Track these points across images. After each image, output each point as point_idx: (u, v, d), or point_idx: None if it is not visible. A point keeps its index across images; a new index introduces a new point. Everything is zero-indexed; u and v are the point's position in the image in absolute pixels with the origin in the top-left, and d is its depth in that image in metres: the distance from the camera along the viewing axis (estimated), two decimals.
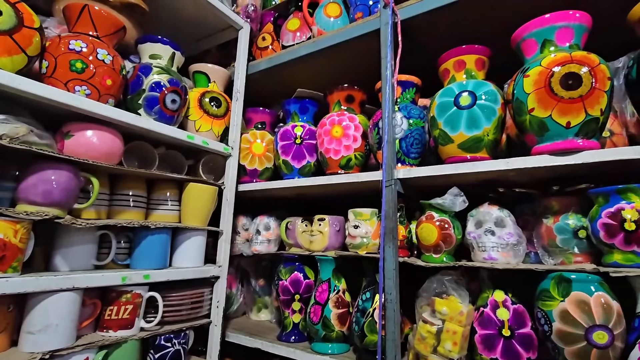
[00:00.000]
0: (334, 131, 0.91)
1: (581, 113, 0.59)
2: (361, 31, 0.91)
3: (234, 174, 1.03)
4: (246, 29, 1.12)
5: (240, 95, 1.07)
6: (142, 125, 0.80)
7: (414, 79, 0.86)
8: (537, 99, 0.62)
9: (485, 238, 0.70)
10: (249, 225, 1.14)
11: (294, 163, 1.00)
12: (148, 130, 0.83)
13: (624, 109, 0.75)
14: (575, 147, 0.60)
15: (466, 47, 0.76)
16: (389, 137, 0.78)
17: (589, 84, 0.58)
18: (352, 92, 0.96)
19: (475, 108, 0.70)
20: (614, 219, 0.58)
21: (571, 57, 0.60)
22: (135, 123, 0.79)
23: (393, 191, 0.76)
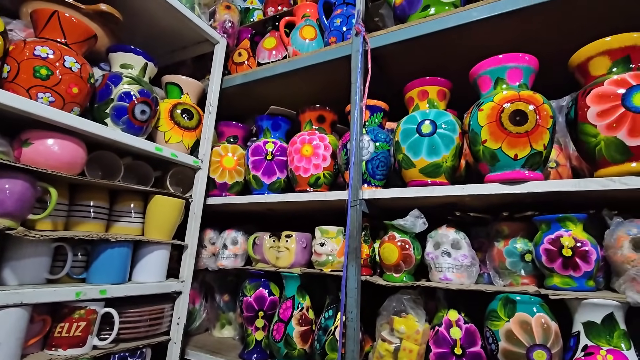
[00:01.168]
0: (304, 150, 0.93)
1: (527, 147, 0.65)
2: (334, 55, 0.95)
3: (202, 187, 1.02)
4: (222, 44, 1.14)
5: (213, 108, 1.07)
6: (107, 136, 0.79)
7: (381, 104, 0.90)
8: (490, 132, 0.67)
9: (442, 259, 0.74)
10: (216, 239, 1.13)
11: (264, 179, 1.01)
12: (114, 141, 0.81)
13: (567, 143, 0.82)
14: (522, 178, 0.65)
15: (429, 78, 0.81)
16: (355, 158, 0.81)
17: (534, 121, 0.64)
18: (324, 113, 0.99)
19: (435, 136, 0.75)
20: (554, 245, 0.63)
21: (519, 95, 0.66)
22: (100, 133, 0.78)
23: (358, 211, 0.79)
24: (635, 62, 0.62)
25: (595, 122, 0.61)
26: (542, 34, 0.80)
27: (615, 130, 0.59)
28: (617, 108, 0.59)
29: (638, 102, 0.57)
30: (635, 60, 0.62)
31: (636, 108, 0.57)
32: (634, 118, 0.57)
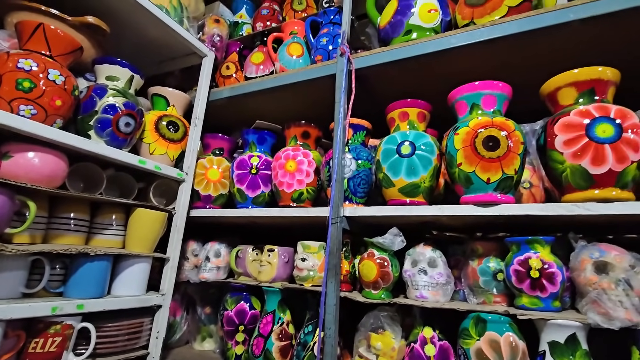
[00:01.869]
0: (288, 165, 0.94)
1: (499, 171, 0.68)
2: (319, 74, 0.97)
3: (186, 199, 1.02)
4: (210, 57, 1.15)
5: (199, 121, 1.08)
6: (89, 149, 0.79)
7: (364, 123, 0.92)
8: (464, 156, 0.70)
9: (419, 277, 0.76)
10: (199, 251, 1.13)
11: (248, 192, 1.02)
12: (97, 154, 0.81)
13: (540, 165, 0.86)
14: (494, 200, 0.68)
15: (410, 101, 0.84)
16: (337, 176, 0.83)
17: (505, 147, 0.67)
18: (309, 129, 1.01)
19: (414, 157, 0.77)
20: (522, 266, 0.66)
21: (492, 122, 0.69)
22: (81, 146, 0.77)
23: (339, 228, 0.80)
24: (600, 94, 0.66)
25: (562, 150, 0.65)
26: (516, 62, 0.84)
27: (579, 158, 0.62)
28: (581, 138, 0.62)
29: (600, 133, 0.61)
30: (599, 92, 0.66)
31: (598, 139, 0.61)
32: (597, 148, 0.61)
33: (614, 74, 0.66)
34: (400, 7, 0.89)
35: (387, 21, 0.92)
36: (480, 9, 0.82)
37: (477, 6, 0.82)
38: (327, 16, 1.06)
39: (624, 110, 0.62)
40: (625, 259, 0.59)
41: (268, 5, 1.26)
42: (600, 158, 0.60)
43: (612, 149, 0.60)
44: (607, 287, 0.58)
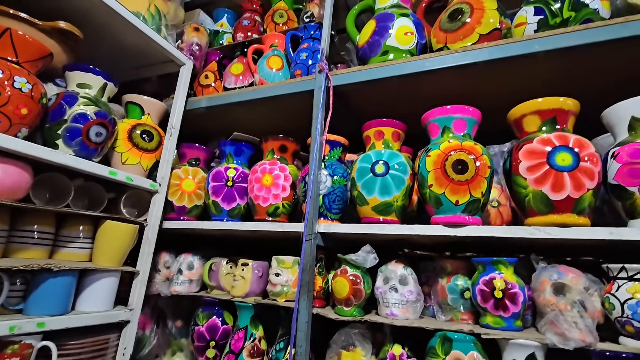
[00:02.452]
0: (264, 179, 0.94)
1: (467, 194, 0.70)
2: (297, 89, 0.98)
3: (159, 211, 1.00)
4: (188, 66, 1.13)
5: (174, 131, 1.06)
6: (55, 160, 0.76)
7: (341, 140, 0.94)
8: (435, 177, 0.73)
9: (390, 295, 0.77)
10: (171, 262, 1.11)
11: (224, 205, 1.01)
12: (63, 165, 0.78)
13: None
14: (462, 222, 0.71)
15: (385, 120, 0.86)
16: (313, 193, 0.83)
17: (473, 170, 0.70)
18: (286, 143, 1.01)
19: (387, 177, 0.79)
20: (487, 286, 0.68)
21: (462, 146, 0.72)
22: (47, 157, 0.75)
23: (312, 245, 0.81)
24: (561, 123, 0.70)
25: (525, 175, 0.68)
26: (487, 87, 0.88)
27: (541, 184, 0.66)
28: (543, 165, 0.66)
29: (560, 161, 0.64)
30: (560, 121, 0.70)
31: (558, 166, 0.64)
32: (557, 175, 0.64)
33: (574, 104, 0.70)
34: (378, 28, 0.91)
35: (365, 41, 0.94)
36: (453, 35, 0.85)
37: (450, 32, 0.85)
38: (308, 31, 1.07)
39: (581, 140, 0.66)
40: (580, 281, 0.63)
41: (249, 16, 1.25)
42: (560, 185, 0.64)
43: (570, 177, 0.63)
44: (563, 308, 0.61)
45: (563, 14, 0.76)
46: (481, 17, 0.82)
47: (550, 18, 0.77)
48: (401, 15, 0.91)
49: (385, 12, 0.93)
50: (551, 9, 0.77)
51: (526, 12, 0.81)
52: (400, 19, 0.90)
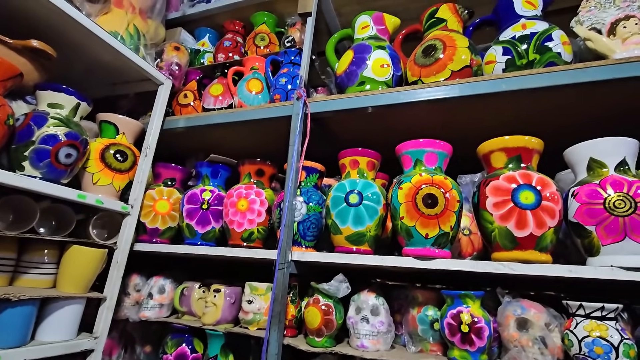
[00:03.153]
0: (239, 204, 0.94)
1: (436, 228, 0.72)
2: (276, 114, 0.99)
3: (129, 234, 0.97)
4: (167, 85, 1.12)
5: (150, 151, 1.05)
6: (18, 185, 0.73)
7: (317, 166, 0.94)
8: (406, 210, 0.74)
9: (361, 325, 0.77)
10: (142, 286, 1.07)
11: (198, 228, 1.00)
12: (27, 189, 0.76)
13: None
14: (431, 255, 0.72)
15: (360, 150, 0.87)
16: (287, 221, 0.83)
17: (442, 205, 0.72)
18: (263, 167, 1.01)
19: (361, 207, 0.80)
20: (455, 320, 0.69)
21: (432, 180, 0.74)
22: (8, 182, 0.72)
23: (285, 274, 0.80)
24: (525, 161, 0.73)
25: (491, 211, 0.70)
26: (459, 120, 0.91)
27: (506, 221, 0.68)
28: (507, 202, 0.68)
29: (524, 199, 0.67)
30: (525, 159, 0.73)
31: (522, 204, 0.67)
32: (520, 213, 0.67)
33: (538, 143, 0.74)
34: (355, 58, 0.94)
35: (343, 70, 0.96)
36: (427, 69, 0.88)
37: (424, 66, 0.88)
38: (288, 56, 1.09)
39: (544, 179, 0.69)
40: (542, 317, 0.65)
41: (231, 37, 1.26)
42: (523, 222, 0.66)
43: (533, 215, 0.66)
44: (525, 344, 0.63)
45: (529, 56, 0.80)
46: (453, 55, 0.85)
47: (517, 59, 0.81)
48: (378, 48, 0.93)
49: (363, 44, 0.96)
50: (518, 50, 0.81)
51: (495, 51, 0.85)
52: (377, 51, 0.93)
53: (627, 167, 0.66)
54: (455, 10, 0.95)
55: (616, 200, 0.62)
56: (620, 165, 0.67)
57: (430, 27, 0.97)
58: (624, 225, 0.61)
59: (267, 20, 1.24)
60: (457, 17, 0.95)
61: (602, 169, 0.68)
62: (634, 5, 0.82)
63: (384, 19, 1.01)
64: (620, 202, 0.62)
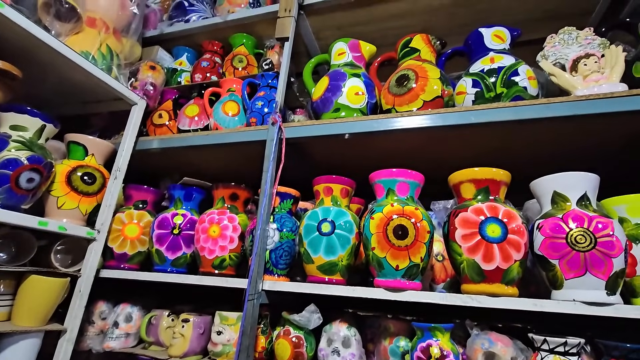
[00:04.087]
0: (211, 230, 0.91)
1: (406, 260, 0.72)
2: (250, 138, 0.98)
3: (95, 261, 0.93)
4: (141, 105, 1.10)
5: (120, 173, 1.02)
6: None
7: (292, 192, 0.94)
8: (377, 241, 0.74)
9: (332, 358, 0.76)
10: (108, 313, 1.03)
11: (168, 254, 0.97)
12: None
13: None
14: (401, 287, 0.72)
15: (334, 177, 0.87)
16: (258, 250, 0.82)
17: (413, 236, 0.72)
18: (237, 191, 1.00)
19: (333, 236, 0.79)
20: (424, 353, 0.69)
21: (403, 211, 0.74)
22: None
23: (255, 305, 0.78)
24: (493, 193, 0.74)
25: (460, 243, 0.70)
26: (432, 148, 0.93)
27: (473, 253, 0.68)
28: (475, 235, 0.69)
29: (490, 232, 0.68)
30: (493, 191, 0.74)
31: (489, 238, 0.68)
32: (487, 246, 0.67)
33: (505, 175, 0.75)
34: (331, 86, 0.94)
35: (319, 96, 0.96)
36: (400, 99, 0.89)
37: (397, 95, 0.90)
38: (265, 79, 1.09)
39: (510, 212, 0.70)
40: (509, 351, 0.65)
41: (209, 57, 1.25)
42: (490, 256, 0.67)
43: (499, 248, 0.67)
44: None
45: (496, 89, 0.82)
46: (425, 85, 0.87)
47: (485, 91, 0.83)
48: (353, 75, 0.95)
49: (338, 71, 0.97)
50: (486, 83, 0.84)
51: (466, 83, 0.88)
52: (352, 79, 0.94)
53: (588, 202, 0.68)
54: (428, 41, 0.98)
55: (577, 235, 0.64)
56: (582, 200, 0.68)
57: (404, 56, 0.99)
58: (585, 260, 0.62)
59: (245, 42, 1.24)
60: (430, 47, 0.98)
61: (566, 203, 0.70)
62: (594, 43, 0.86)
63: (360, 46, 1.03)
64: (581, 237, 0.63)
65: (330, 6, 1.12)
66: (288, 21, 1.06)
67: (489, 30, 0.92)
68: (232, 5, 1.24)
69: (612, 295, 0.62)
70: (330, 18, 1.17)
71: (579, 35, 0.88)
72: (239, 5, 1.24)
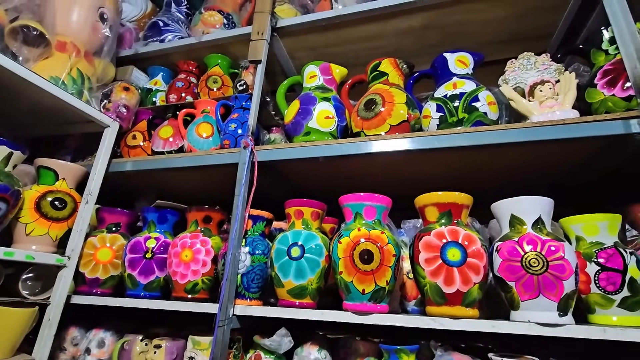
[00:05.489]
0: (183, 255, 0.92)
1: (372, 284, 0.74)
2: (223, 161, 0.99)
3: (65, 288, 0.92)
4: (113, 128, 1.10)
5: (91, 198, 1.01)
6: None
7: (265, 214, 0.95)
8: (344, 265, 0.76)
9: None
10: (80, 339, 1.02)
11: (140, 279, 0.96)
12: None
13: None
14: (368, 310, 0.74)
15: (305, 200, 0.89)
16: (229, 275, 0.82)
17: (378, 260, 0.74)
18: (211, 213, 1.00)
19: (302, 260, 0.81)
20: None
21: (369, 235, 0.76)
22: None
23: (226, 331, 0.79)
24: (456, 216, 0.77)
25: (424, 267, 0.73)
26: (400, 171, 0.96)
27: (435, 277, 0.71)
28: (437, 259, 0.71)
29: (451, 256, 0.70)
30: (455, 215, 0.77)
31: (449, 262, 0.70)
32: (448, 270, 0.70)
33: (467, 199, 0.78)
34: (301, 109, 0.96)
35: (290, 120, 0.98)
36: (368, 123, 0.92)
37: (366, 119, 0.92)
38: (239, 101, 1.10)
39: (470, 235, 0.73)
40: None
41: (184, 78, 1.26)
42: (451, 279, 0.69)
43: (459, 272, 0.69)
44: None
45: (458, 114, 0.86)
46: (391, 110, 0.90)
47: (448, 116, 0.87)
48: (323, 99, 0.97)
49: (309, 95, 0.99)
50: (449, 108, 0.87)
51: (431, 107, 0.91)
52: (322, 103, 0.96)
53: (542, 225, 0.72)
54: (396, 65, 1.01)
55: (532, 258, 0.67)
56: (537, 223, 0.72)
57: (374, 79, 1.02)
58: (538, 283, 0.65)
59: (220, 62, 1.25)
60: (397, 70, 1.01)
61: (522, 226, 0.73)
62: (550, 69, 0.91)
63: (331, 69, 1.06)
64: (535, 260, 0.66)
65: (302, 29, 1.14)
66: (261, 44, 1.08)
67: (453, 56, 0.95)
68: (207, 26, 1.25)
69: (564, 316, 0.65)
70: (304, 40, 1.19)
71: (537, 61, 0.93)
72: (214, 26, 1.25)
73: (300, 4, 1.29)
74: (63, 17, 1.03)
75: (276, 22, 1.14)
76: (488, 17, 1.04)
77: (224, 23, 1.25)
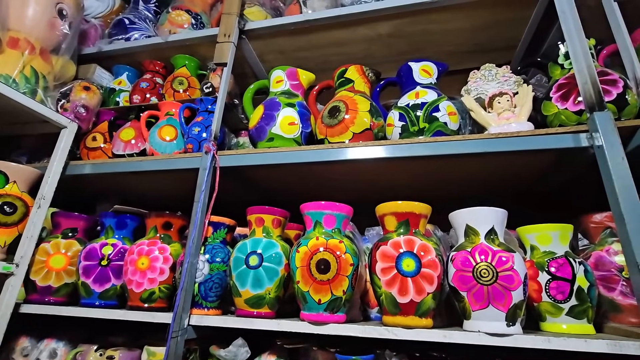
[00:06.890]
0: (139, 263, 0.89)
1: (328, 293, 0.73)
2: (185, 165, 0.96)
3: (12, 297, 0.88)
4: (71, 129, 1.05)
5: (44, 202, 0.97)
6: None
7: (226, 221, 0.93)
8: (301, 275, 0.75)
9: None
10: (30, 349, 0.97)
11: (95, 287, 0.93)
12: None
13: None
14: (324, 320, 0.73)
15: (266, 208, 0.87)
16: (185, 284, 0.80)
17: (335, 270, 0.74)
18: (171, 219, 0.98)
19: (260, 269, 0.79)
20: None
21: (327, 244, 0.76)
22: None
23: (179, 343, 0.77)
24: (413, 226, 0.77)
25: (380, 276, 0.73)
26: (367, 176, 0.96)
27: (390, 287, 0.71)
28: (392, 269, 0.71)
29: (405, 267, 0.71)
30: (413, 224, 0.77)
31: (404, 272, 0.70)
32: (402, 280, 0.70)
33: (425, 208, 0.78)
34: (265, 115, 0.95)
35: (254, 125, 0.97)
36: (332, 130, 0.91)
37: (329, 127, 0.92)
38: (204, 104, 1.08)
39: (426, 245, 0.73)
40: None
41: (149, 78, 1.22)
42: (405, 289, 0.70)
43: (413, 282, 0.70)
44: None
45: (419, 124, 0.86)
46: (355, 118, 0.90)
47: (410, 126, 0.87)
48: (287, 105, 0.96)
49: (273, 100, 0.98)
50: (411, 117, 0.88)
51: (394, 115, 0.91)
52: (286, 109, 0.95)
53: (495, 236, 0.73)
54: (362, 72, 1.01)
55: (482, 269, 0.68)
56: (490, 234, 0.73)
57: (340, 86, 1.02)
58: (488, 293, 0.66)
59: (188, 63, 1.22)
60: (364, 78, 1.01)
61: (476, 237, 0.74)
62: (510, 81, 0.93)
63: (298, 74, 1.05)
64: (485, 271, 0.68)
65: (271, 32, 1.13)
66: (227, 46, 1.06)
67: (418, 65, 0.96)
68: (174, 26, 1.22)
69: (512, 326, 0.66)
70: (273, 43, 1.18)
71: (497, 73, 0.95)
72: (181, 26, 1.22)
73: (272, 6, 1.28)
74: (17, 12, 0.98)
75: (244, 25, 1.12)
76: (451, 27, 1.05)
77: (192, 23, 1.23)
